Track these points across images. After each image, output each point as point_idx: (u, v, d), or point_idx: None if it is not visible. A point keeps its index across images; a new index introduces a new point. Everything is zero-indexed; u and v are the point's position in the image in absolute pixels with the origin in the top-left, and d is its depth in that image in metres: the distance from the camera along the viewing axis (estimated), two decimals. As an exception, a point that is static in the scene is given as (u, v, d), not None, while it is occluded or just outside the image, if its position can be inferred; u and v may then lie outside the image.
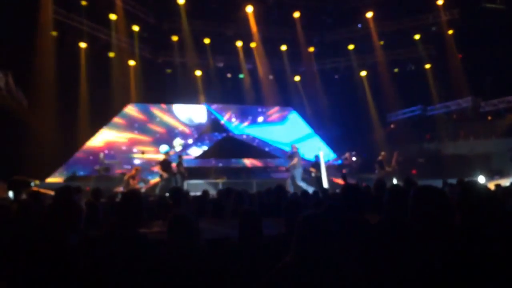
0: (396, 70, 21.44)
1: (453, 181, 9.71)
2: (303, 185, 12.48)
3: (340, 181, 15.33)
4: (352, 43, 20.95)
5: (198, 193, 7.79)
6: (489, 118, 19.54)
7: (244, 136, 20.91)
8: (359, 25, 20.69)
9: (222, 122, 20.87)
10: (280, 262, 2.30)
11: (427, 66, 20.59)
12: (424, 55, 20.30)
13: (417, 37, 19.86)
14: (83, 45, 16.61)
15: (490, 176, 14.65)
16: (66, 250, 2.63)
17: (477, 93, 18.83)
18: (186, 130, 20.02)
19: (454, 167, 16.50)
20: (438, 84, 20.27)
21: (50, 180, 14.88)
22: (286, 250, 2.46)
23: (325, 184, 13.02)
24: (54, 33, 15.55)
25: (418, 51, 20.32)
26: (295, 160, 12.98)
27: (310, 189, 10.05)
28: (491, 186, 8.80)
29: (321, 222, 2.29)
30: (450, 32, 19.11)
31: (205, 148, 20.05)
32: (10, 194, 7.90)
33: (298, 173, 12.90)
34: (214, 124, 20.69)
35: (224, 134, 20.57)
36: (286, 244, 2.78)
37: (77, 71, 16.53)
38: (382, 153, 14.97)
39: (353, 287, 2.17)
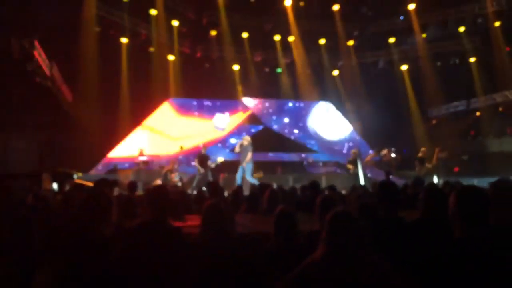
0: (439, 63, 20.80)
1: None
2: (254, 181, 12.08)
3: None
4: (393, 36, 20.44)
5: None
6: None
7: (281, 130, 20.85)
8: (401, 17, 20.17)
9: (259, 115, 20.88)
10: (309, 257, 2.33)
11: (472, 59, 19.82)
12: (469, 48, 19.56)
13: (461, 29, 19.16)
14: (124, 40, 17.01)
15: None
16: (95, 241, 2.71)
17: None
18: (222, 124, 20.14)
19: (500, 165, 15.89)
20: (483, 77, 19.46)
21: (92, 172, 15.37)
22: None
23: (362, 181, 12.83)
24: (97, 29, 16.02)
25: (462, 44, 19.60)
26: (249, 155, 12.55)
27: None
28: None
29: (349, 219, 2.29)
30: (497, 24, 18.34)
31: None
32: (55, 185, 8.27)
33: (249, 167, 12.49)
34: (251, 117, 20.74)
35: (261, 127, 20.55)
36: (319, 240, 2.78)
37: (118, 65, 16.96)
38: (423, 149, 14.59)
39: (381, 284, 2.16)
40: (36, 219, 3.91)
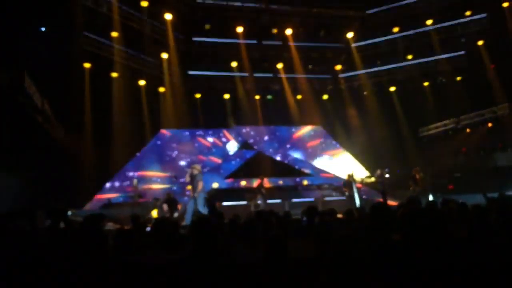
0: (426, 83, 21.13)
1: (494, 195, 9.37)
2: (205, 211, 11.28)
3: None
4: (380, 58, 20.80)
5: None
6: None
7: (274, 155, 20.89)
8: (384, 38, 20.56)
9: (252, 142, 20.96)
10: (316, 281, 2.34)
11: (458, 78, 20.16)
12: (455, 67, 19.93)
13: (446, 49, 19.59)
14: (114, 74, 17.15)
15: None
16: (89, 277, 2.68)
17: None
18: (216, 154, 20.19)
19: (493, 181, 15.95)
20: (471, 95, 19.71)
21: (87, 208, 15.22)
22: (315, 273, 2.46)
23: (358, 203, 12.81)
24: (87, 65, 16.17)
25: (448, 63, 19.98)
26: (200, 184, 11.85)
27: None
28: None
29: (353, 243, 2.31)
30: (481, 42, 18.78)
31: (235, 167, 20.12)
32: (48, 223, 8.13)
33: (201, 197, 11.72)
34: (244, 144, 20.79)
35: (254, 152, 20.59)
36: (315, 267, 2.77)
37: (110, 99, 17.04)
38: (416, 168, 14.64)
39: None
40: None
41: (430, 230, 2.66)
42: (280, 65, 20.42)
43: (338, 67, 21.28)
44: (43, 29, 15.44)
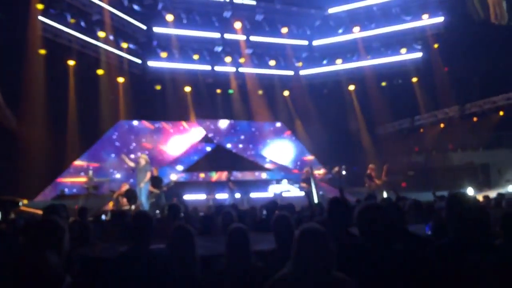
0: (383, 83, 21.65)
1: (444, 193, 9.76)
2: (147, 206, 11.68)
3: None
4: (340, 57, 21.13)
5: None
6: (475, 119, 19.69)
7: (233, 149, 20.92)
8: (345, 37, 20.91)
9: (212, 136, 20.89)
10: (278, 274, 2.34)
11: (414, 79, 20.77)
12: (411, 68, 20.51)
13: (403, 51, 20.11)
14: (71, 62, 16.57)
15: (479, 188, 14.76)
16: (43, 270, 2.58)
17: (463, 101, 19.16)
18: (175, 145, 19.95)
19: (444, 180, 16.62)
20: (425, 96, 20.40)
21: (39, 199, 14.69)
22: (277, 266, 2.48)
23: (316, 199, 13.00)
24: (42, 51, 15.50)
25: (405, 65, 20.54)
26: (148, 175, 12.08)
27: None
28: (480, 197, 8.91)
29: (318, 235, 2.32)
30: (436, 46, 19.41)
31: (194, 160, 19.99)
32: (-2, 214, 7.82)
33: (146, 189, 12.07)
34: (204, 137, 20.69)
35: (214, 146, 20.55)
36: (277, 259, 2.79)
37: (66, 88, 16.46)
38: (371, 166, 14.99)
39: None
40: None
41: (389, 224, 2.72)
42: (242, 60, 20.37)
43: (299, 64, 21.47)
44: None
